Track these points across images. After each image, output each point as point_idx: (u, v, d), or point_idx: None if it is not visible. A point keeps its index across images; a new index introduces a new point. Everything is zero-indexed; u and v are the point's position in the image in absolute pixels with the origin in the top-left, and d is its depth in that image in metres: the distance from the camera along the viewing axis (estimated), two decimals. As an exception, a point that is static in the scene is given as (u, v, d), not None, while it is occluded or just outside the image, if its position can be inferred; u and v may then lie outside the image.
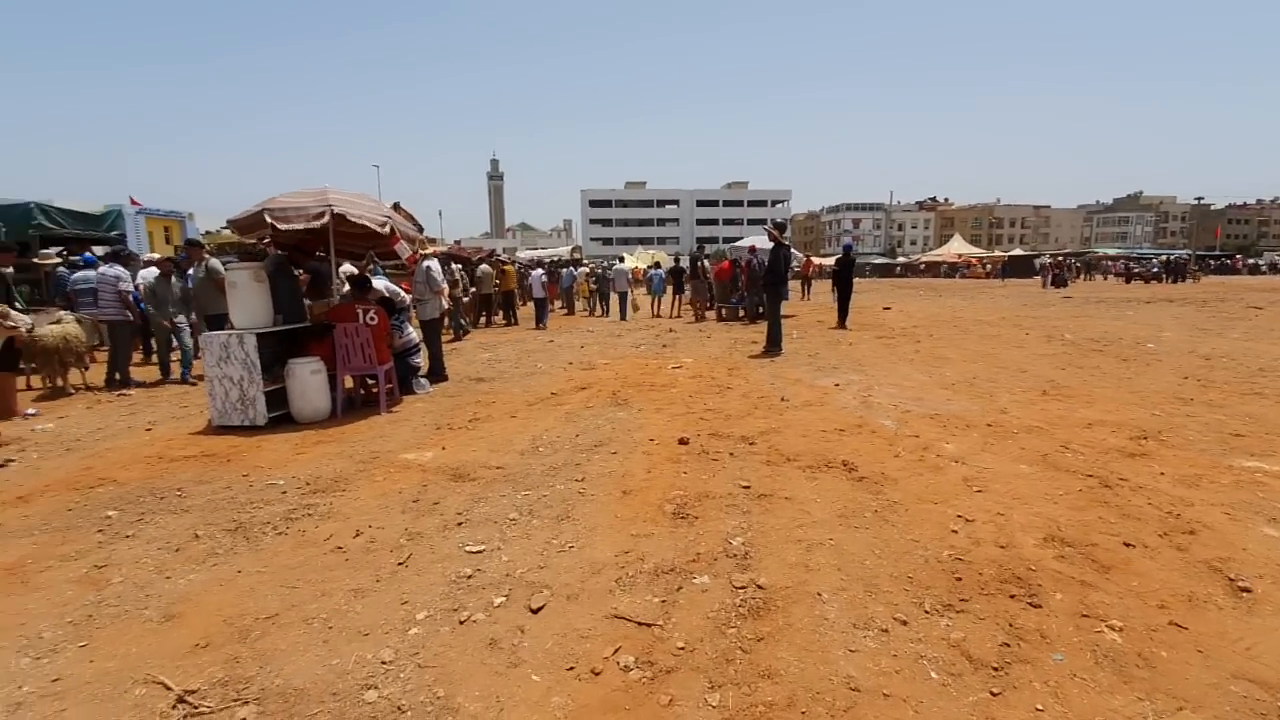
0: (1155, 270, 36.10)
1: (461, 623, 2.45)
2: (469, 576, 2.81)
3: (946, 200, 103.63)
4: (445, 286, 7.84)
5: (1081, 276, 43.13)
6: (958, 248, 59.76)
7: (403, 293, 7.80)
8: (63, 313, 8.06)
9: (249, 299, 5.71)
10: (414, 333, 7.15)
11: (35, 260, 9.11)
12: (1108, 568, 2.69)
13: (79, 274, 8.58)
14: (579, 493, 3.81)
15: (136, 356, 10.00)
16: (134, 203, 18.47)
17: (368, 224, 5.71)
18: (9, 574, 2.96)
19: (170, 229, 17.69)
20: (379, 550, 3.11)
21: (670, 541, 3.10)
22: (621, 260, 24.62)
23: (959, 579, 2.63)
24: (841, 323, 13.52)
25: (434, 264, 7.72)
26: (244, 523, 3.52)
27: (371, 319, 6.03)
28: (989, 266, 52.41)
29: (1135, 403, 5.70)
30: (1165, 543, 2.89)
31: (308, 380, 5.70)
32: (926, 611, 2.41)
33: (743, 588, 2.63)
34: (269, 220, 5.33)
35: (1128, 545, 2.87)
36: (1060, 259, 37.05)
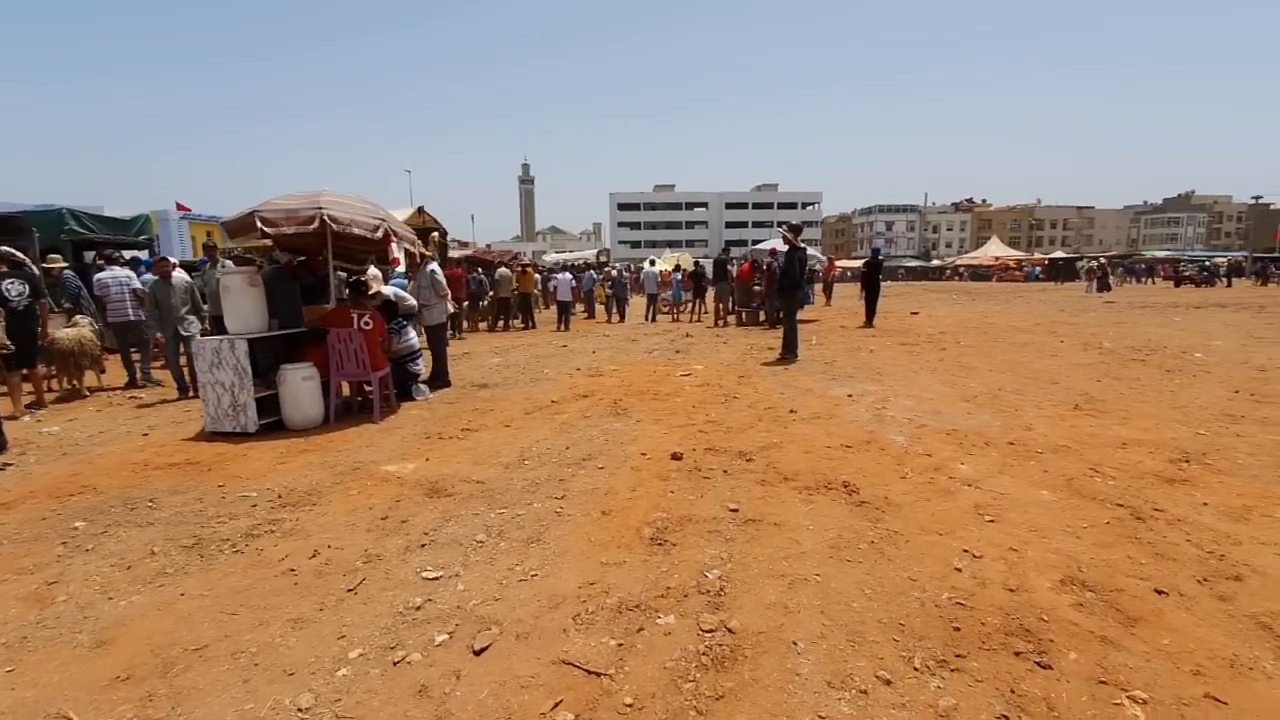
0: (1206, 273, 34.20)
1: (395, 664, 2.22)
2: (417, 607, 2.59)
3: (984, 201, 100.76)
4: (449, 291, 7.70)
5: (1147, 280, 40.65)
6: (995, 250, 57.92)
7: (410, 298, 7.69)
8: (77, 316, 8.19)
9: (242, 303, 5.62)
10: (415, 338, 7.01)
11: (45, 265, 9.17)
12: (1134, 620, 2.33)
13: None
14: (556, 512, 3.57)
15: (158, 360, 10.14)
16: (180, 208, 18.95)
17: (356, 229, 5.55)
18: (-43, 590, 2.85)
19: (213, 233, 18.07)
20: (331, 574, 2.92)
21: (641, 572, 2.83)
22: (652, 263, 24.32)
23: (957, 629, 2.30)
24: (869, 322, 14.14)
25: (437, 267, 7.59)
26: (203, 539, 3.37)
27: (366, 324, 5.90)
28: (1036, 270, 50.54)
29: (1178, 420, 5.22)
30: (1205, 591, 2.51)
31: (299, 386, 5.59)
32: (916, 669, 2.10)
33: (711, 631, 2.35)
34: (258, 224, 5.22)
35: (1160, 593, 2.50)
36: (1103, 262, 35.41)
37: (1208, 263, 39.39)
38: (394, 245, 5.97)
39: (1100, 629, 2.28)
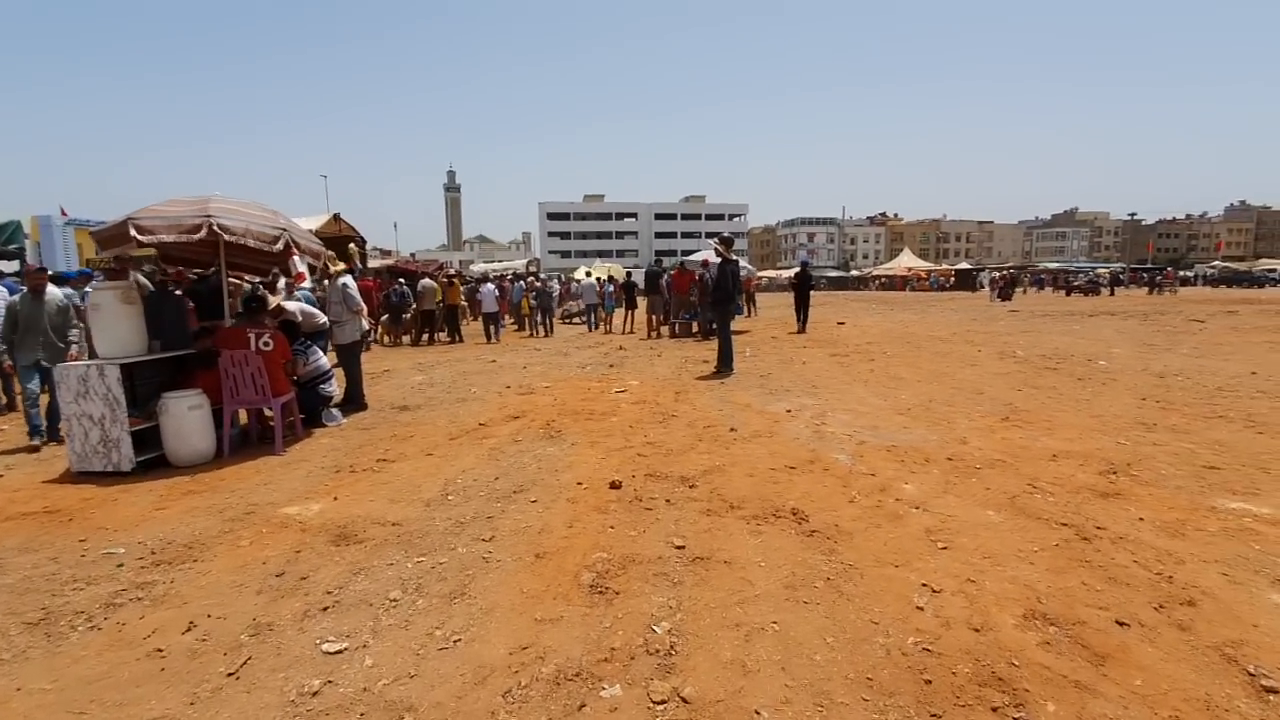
0: (1091, 284, 37.26)
1: (282, 776, 1.82)
2: (314, 693, 2.18)
3: (896, 215, 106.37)
4: (364, 306, 7.13)
5: (1046, 289, 44.89)
6: (907, 261, 61.10)
7: (321, 315, 7.07)
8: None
9: (114, 323, 4.90)
10: (324, 358, 6.41)
11: None
12: (1103, 658, 2.22)
13: None
14: (483, 557, 3.20)
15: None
16: (63, 214, 17.38)
17: (252, 241, 4.95)
18: None
19: (109, 242, 16.39)
20: (209, 653, 2.44)
21: (581, 629, 2.52)
22: (588, 274, 23.97)
23: (928, 681, 2.12)
24: (801, 329, 14.99)
25: (350, 281, 7.02)
26: (53, 612, 2.81)
27: (266, 344, 5.30)
28: (946, 280, 53.53)
29: (1098, 429, 5.38)
30: (1164, 619, 2.45)
31: (185, 417, 4.93)
32: (891, 735, 1.89)
33: (662, 703, 2.07)
34: (133, 233, 4.56)
35: (1122, 624, 2.41)
36: (1007, 273, 38.24)
37: (1092, 274, 42.93)
38: (296, 259, 5.39)
39: (1072, 671, 2.15)
